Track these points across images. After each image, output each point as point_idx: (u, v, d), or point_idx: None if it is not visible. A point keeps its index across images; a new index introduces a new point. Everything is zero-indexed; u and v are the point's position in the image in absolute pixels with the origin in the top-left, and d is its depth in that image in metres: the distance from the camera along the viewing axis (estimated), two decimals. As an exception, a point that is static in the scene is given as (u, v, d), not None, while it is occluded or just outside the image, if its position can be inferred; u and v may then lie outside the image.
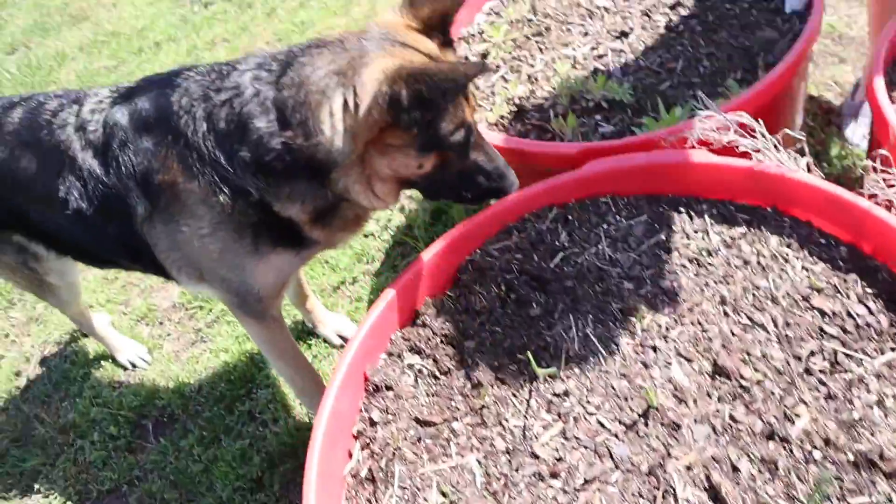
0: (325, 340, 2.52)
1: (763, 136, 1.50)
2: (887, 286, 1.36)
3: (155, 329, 2.86)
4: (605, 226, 1.60)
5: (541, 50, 2.25)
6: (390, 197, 1.56)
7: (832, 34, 2.92)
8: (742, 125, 1.55)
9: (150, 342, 2.80)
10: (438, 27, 1.51)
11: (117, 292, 3.06)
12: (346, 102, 1.38)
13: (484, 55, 2.31)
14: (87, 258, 2.14)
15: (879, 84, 1.63)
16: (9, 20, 5.54)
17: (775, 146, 1.48)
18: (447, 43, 1.53)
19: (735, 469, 1.19)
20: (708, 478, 1.18)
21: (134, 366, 2.71)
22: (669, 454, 1.22)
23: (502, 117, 2.02)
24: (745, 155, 1.51)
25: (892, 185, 1.39)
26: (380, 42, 1.42)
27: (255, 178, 1.51)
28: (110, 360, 2.77)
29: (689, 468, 1.20)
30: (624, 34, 2.19)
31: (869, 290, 1.36)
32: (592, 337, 1.41)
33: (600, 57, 2.15)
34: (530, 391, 1.37)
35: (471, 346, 1.48)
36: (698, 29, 2.11)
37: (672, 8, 2.23)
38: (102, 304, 3.01)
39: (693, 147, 1.58)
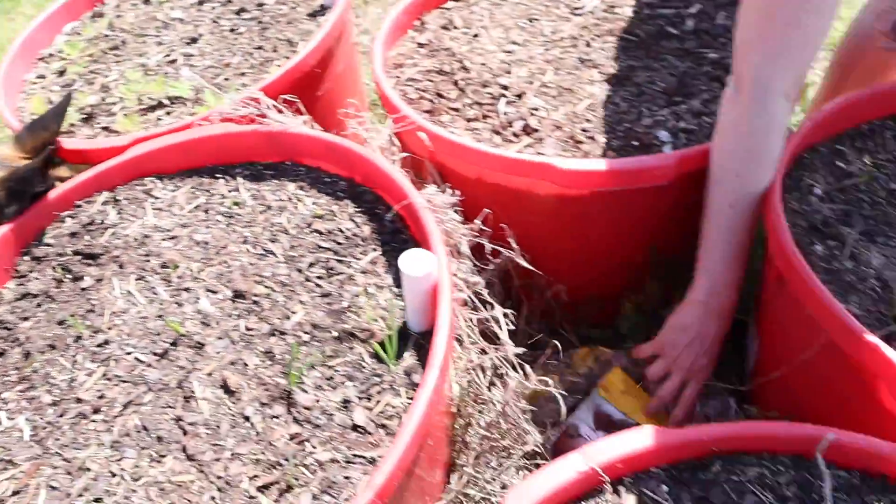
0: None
1: (268, 106, 1.89)
2: (370, 204, 1.80)
3: None
4: (151, 200, 1.88)
5: (117, 62, 2.49)
6: None
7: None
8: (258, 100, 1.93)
9: None
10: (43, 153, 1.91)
11: None
12: None
13: (61, 72, 2.49)
14: None
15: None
16: None
17: (277, 110, 1.87)
18: (57, 162, 1.98)
19: (245, 365, 1.51)
20: (223, 378, 1.49)
21: None
22: (195, 368, 1.51)
23: (72, 125, 2.22)
24: (254, 122, 1.88)
25: (362, 124, 1.85)
26: None
27: None
28: None
29: (209, 374, 1.50)
30: (194, 40, 2.51)
31: (357, 210, 1.79)
32: (134, 292, 1.67)
33: (172, 62, 2.44)
34: (77, 349, 1.58)
35: (27, 326, 1.66)
36: (256, 28, 2.50)
37: (237, 13, 2.60)
38: None
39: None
